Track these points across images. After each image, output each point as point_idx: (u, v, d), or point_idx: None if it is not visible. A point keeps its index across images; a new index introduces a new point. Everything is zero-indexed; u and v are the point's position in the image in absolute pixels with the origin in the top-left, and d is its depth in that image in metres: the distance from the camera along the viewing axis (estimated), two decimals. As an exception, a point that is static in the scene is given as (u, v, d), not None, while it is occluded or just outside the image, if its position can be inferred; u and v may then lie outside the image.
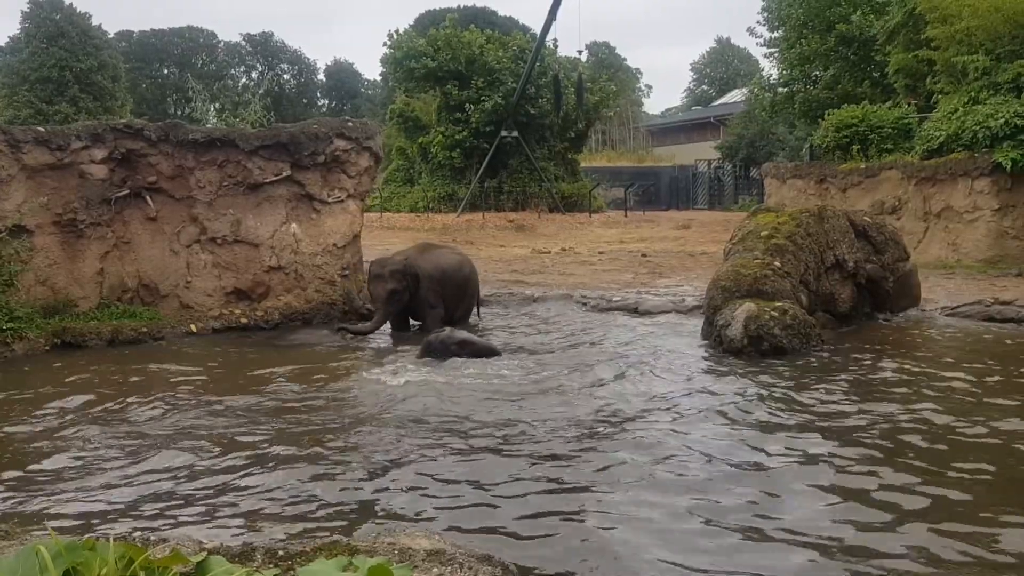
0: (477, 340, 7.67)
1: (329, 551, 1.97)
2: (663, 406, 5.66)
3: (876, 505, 3.77)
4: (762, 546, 3.37)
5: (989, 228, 14.30)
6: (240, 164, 9.43)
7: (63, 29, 34.83)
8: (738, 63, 63.72)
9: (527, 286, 12.21)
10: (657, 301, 10.25)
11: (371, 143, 10.19)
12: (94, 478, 4.28)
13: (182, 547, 1.95)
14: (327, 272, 9.93)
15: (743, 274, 8.05)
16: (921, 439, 4.78)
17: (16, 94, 34.29)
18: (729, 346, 7.39)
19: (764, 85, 27.51)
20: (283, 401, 5.95)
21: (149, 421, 5.40)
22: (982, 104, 14.70)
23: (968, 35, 15.36)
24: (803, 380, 6.30)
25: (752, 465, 4.37)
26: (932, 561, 3.21)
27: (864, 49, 22.19)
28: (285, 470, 4.36)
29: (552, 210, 28.34)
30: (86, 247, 8.94)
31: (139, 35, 56.67)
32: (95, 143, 8.91)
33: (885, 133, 17.40)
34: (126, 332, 8.51)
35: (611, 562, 3.24)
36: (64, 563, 1.66)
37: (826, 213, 9.07)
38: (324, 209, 9.90)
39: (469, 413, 5.47)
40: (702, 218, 27.31)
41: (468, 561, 1.99)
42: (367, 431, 5.14)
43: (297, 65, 62.16)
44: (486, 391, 6.15)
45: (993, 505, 3.76)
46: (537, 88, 29.38)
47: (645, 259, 16.49)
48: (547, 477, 4.18)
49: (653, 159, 47.02)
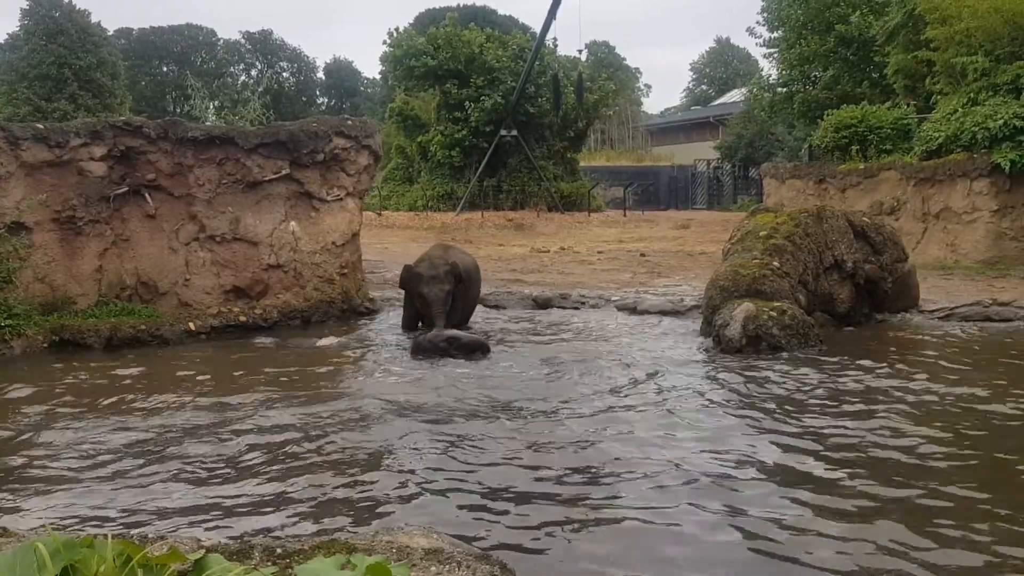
0: (465, 335, 7.65)
1: (327, 549, 1.97)
2: (660, 405, 5.66)
3: (874, 503, 3.77)
4: (761, 545, 3.37)
5: (988, 229, 14.32)
6: (239, 162, 9.42)
7: (62, 26, 34.75)
8: (737, 63, 63.77)
9: (526, 285, 12.21)
10: (655, 301, 10.25)
11: (370, 141, 10.18)
12: (92, 475, 4.28)
13: (180, 545, 1.95)
14: (326, 270, 9.92)
15: (742, 274, 8.06)
16: (919, 440, 4.78)
17: (15, 91, 34.21)
18: (727, 346, 7.39)
19: (763, 85, 27.54)
20: (281, 399, 5.95)
21: (147, 418, 5.40)
22: (981, 105, 14.71)
23: (967, 36, 15.36)
24: (801, 380, 6.31)
25: (750, 466, 4.37)
26: (930, 563, 3.21)
27: (863, 50, 22.21)
28: (283, 468, 4.36)
29: (551, 209, 28.34)
30: (85, 244, 8.93)
31: (138, 32, 56.60)
32: (94, 140, 8.90)
33: (884, 134, 17.42)
34: (125, 330, 8.49)
35: (608, 561, 3.24)
36: (62, 560, 1.66)
37: (825, 213, 9.08)
38: (323, 207, 9.90)
39: (466, 411, 5.47)
40: (701, 218, 27.32)
41: (466, 560, 1.99)
42: (366, 429, 5.14)
43: (296, 63, 62.11)
44: (482, 389, 6.15)
45: (994, 505, 3.76)
46: (536, 87, 29.39)
47: (644, 259, 16.49)
48: (543, 476, 4.18)
49: (652, 159, 47.06)
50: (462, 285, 8.67)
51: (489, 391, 6.10)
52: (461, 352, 7.32)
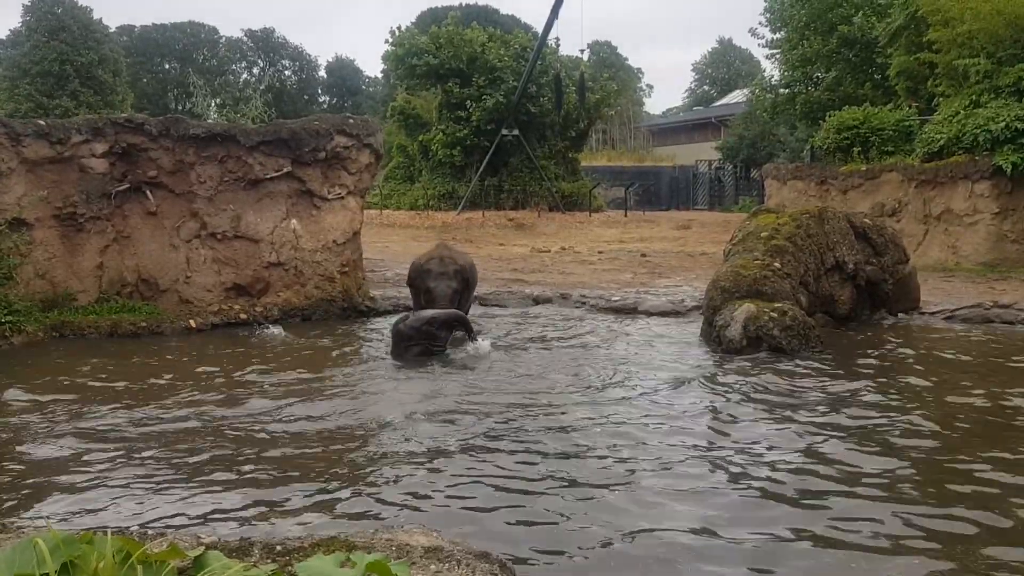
0: (440, 312, 7.51)
1: (327, 547, 1.96)
2: (660, 406, 5.66)
3: (872, 500, 3.77)
4: (761, 544, 3.37)
5: (989, 231, 14.32)
6: (241, 160, 9.42)
7: (64, 23, 34.77)
8: (739, 64, 63.74)
9: (527, 285, 12.21)
10: (656, 301, 10.25)
11: (372, 140, 10.18)
12: (91, 472, 4.27)
13: (180, 541, 1.95)
14: (327, 269, 9.92)
15: (743, 275, 8.05)
16: (918, 441, 4.78)
17: (17, 88, 34.24)
18: (728, 347, 7.39)
19: (765, 86, 27.51)
20: (280, 396, 5.94)
21: (147, 415, 5.39)
22: (983, 107, 14.71)
23: (970, 38, 15.35)
24: (801, 381, 6.30)
25: (748, 465, 4.37)
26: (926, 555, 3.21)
27: (866, 51, 22.19)
28: (282, 465, 4.35)
29: (552, 209, 28.34)
30: (86, 241, 8.94)
31: (140, 30, 56.58)
32: (95, 137, 8.90)
33: (886, 135, 17.42)
34: (125, 326, 8.50)
35: (608, 560, 3.24)
36: (61, 556, 1.66)
37: (826, 215, 9.07)
38: (324, 206, 9.90)
39: (465, 410, 5.47)
40: (702, 218, 27.31)
41: (466, 558, 1.98)
42: (364, 426, 5.14)
43: (298, 61, 62.10)
44: (481, 388, 6.15)
45: (993, 500, 3.76)
46: (538, 87, 29.38)
47: (645, 259, 16.49)
48: (542, 475, 4.18)
49: (653, 159, 47.00)
50: (467, 289, 8.62)
51: (487, 389, 6.10)
52: (443, 329, 7.24)
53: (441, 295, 8.14)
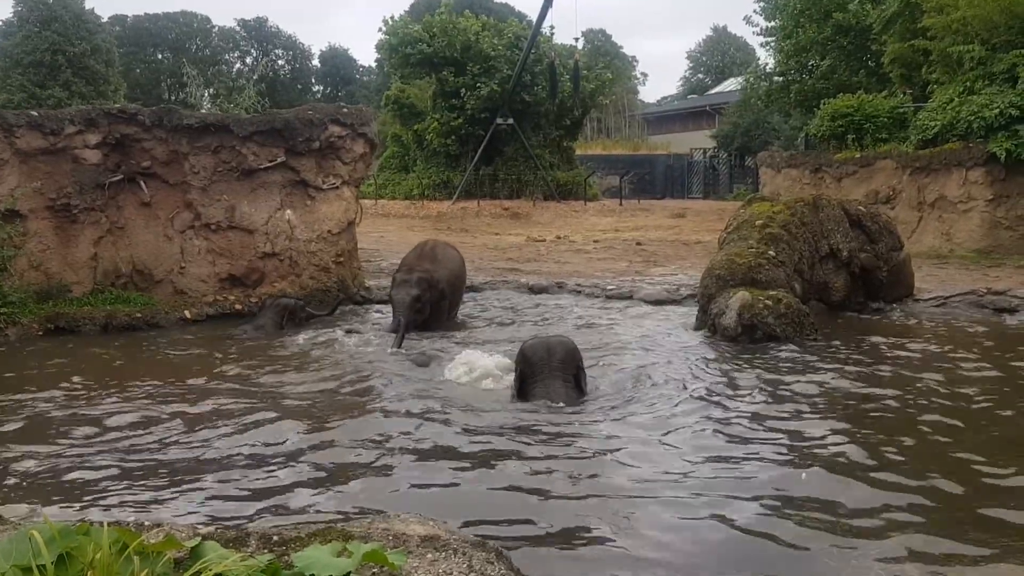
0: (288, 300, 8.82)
1: (324, 536, 1.97)
2: (654, 393, 5.68)
3: (867, 485, 3.79)
4: (761, 540, 3.38)
5: (983, 218, 14.36)
6: (234, 150, 9.39)
7: (56, 13, 34.50)
8: (734, 52, 63.54)
9: (522, 274, 12.22)
10: (651, 289, 10.26)
11: (366, 129, 10.15)
12: (87, 463, 4.27)
13: (176, 532, 1.95)
14: (322, 259, 9.91)
15: (737, 263, 8.07)
16: (911, 426, 4.80)
17: (8, 78, 34.00)
18: (723, 334, 7.41)
19: (760, 74, 27.47)
20: (277, 388, 5.95)
21: (143, 407, 5.39)
22: (977, 94, 14.72)
23: (964, 25, 15.35)
24: (795, 368, 6.33)
25: (743, 453, 4.39)
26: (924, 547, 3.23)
27: (860, 38, 22.15)
28: (279, 456, 4.36)
29: (547, 198, 28.29)
30: (80, 232, 8.91)
31: (133, 19, 56.31)
32: (89, 128, 8.86)
33: (880, 123, 17.43)
34: (120, 317, 8.48)
35: (605, 551, 3.25)
36: (58, 547, 1.67)
37: (821, 202, 9.09)
38: (319, 196, 9.87)
39: (459, 401, 5.48)
40: (697, 207, 27.32)
41: (462, 547, 1.99)
42: (361, 418, 5.15)
43: (292, 51, 61.85)
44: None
45: (991, 492, 3.78)
46: (533, 75, 29.25)
47: (640, 247, 16.51)
48: (539, 467, 4.18)
49: (648, 147, 46.91)
50: (437, 292, 8.33)
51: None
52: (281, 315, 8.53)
53: (399, 302, 8.08)
